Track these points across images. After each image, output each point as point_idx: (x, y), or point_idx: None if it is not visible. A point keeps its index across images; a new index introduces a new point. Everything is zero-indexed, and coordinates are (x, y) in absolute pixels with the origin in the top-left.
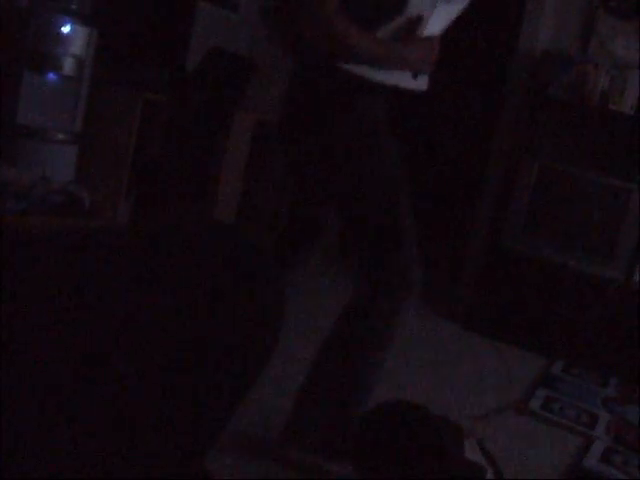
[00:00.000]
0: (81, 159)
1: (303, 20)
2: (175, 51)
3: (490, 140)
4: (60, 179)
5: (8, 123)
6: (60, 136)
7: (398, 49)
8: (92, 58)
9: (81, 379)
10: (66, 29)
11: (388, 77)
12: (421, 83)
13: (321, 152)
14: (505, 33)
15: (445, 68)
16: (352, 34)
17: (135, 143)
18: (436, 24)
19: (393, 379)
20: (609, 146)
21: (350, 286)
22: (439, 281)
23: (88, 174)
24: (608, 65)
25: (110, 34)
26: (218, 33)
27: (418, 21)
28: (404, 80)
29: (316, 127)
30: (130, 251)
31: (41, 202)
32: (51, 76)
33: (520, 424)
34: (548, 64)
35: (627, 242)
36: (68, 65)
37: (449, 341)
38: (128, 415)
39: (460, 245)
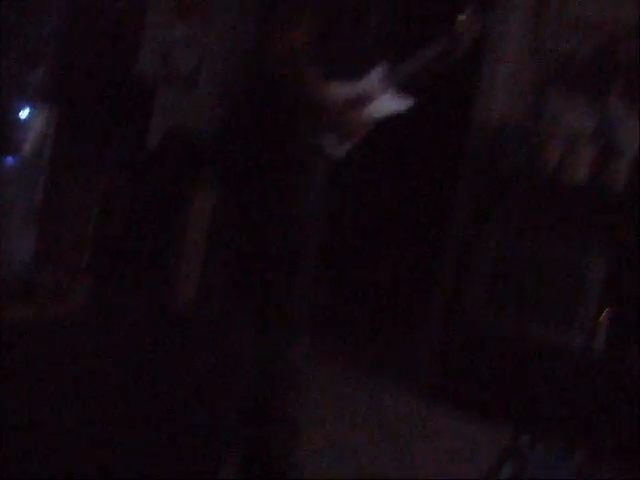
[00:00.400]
0: (40, 239)
1: (269, 44)
2: (135, 131)
3: (449, 216)
4: (19, 259)
5: None
6: (19, 219)
7: (327, 104)
8: (51, 140)
9: None
10: (25, 112)
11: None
12: (341, 150)
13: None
14: (459, 109)
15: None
16: (306, 72)
17: (95, 223)
18: (380, 106)
19: (356, 455)
20: (565, 218)
21: None
22: (401, 353)
23: (47, 254)
24: (561, 138)
25: (70, 115)
26: (178, 111)
27: (370, 97)
28: (329, 142)
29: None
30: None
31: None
32: (10, 159)
33: None
34: (502, 139)
35: (588, 311)
36: (27, 147)
37: (413, 414)
38: None
39: (423, 320)
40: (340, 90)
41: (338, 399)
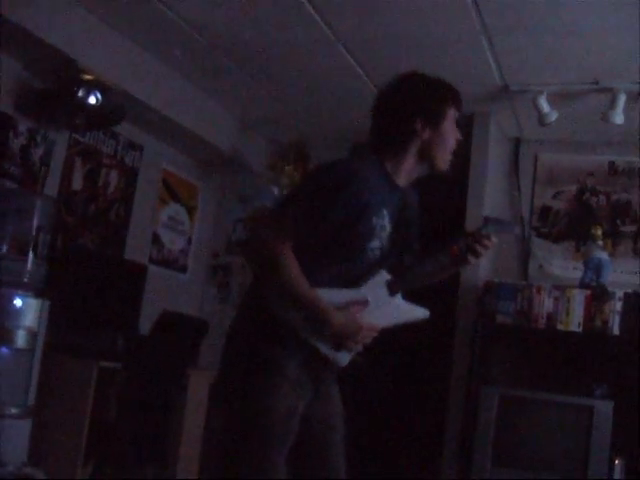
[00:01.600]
0: (36, 430)
1: (255, 244)
2: (127, 316)
3: (447, 374)
4: (13, 454)
5: None
6: (13, 411)
7: (328, 309)
8: (44, 329)
9: None
10: (18, 303)
11: (311, 336)
12: (341, 358)
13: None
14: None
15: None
16: (293, 271)
17: (91, 410)
18: (385, 316)
19: None
20: (563, 365)
21: None
22: None
23: (43, 445)
24: (550, 287)
25: (62, 303)
26: (168, 295)
27: (364, 303)
28: (325, 347)
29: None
30: None
31: None
32: (3, 350)
33: None
34: (492, 293)
35: (599, 458)
36: (20, 338)
37: None
38: None
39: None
40: (335, 299)
41: None
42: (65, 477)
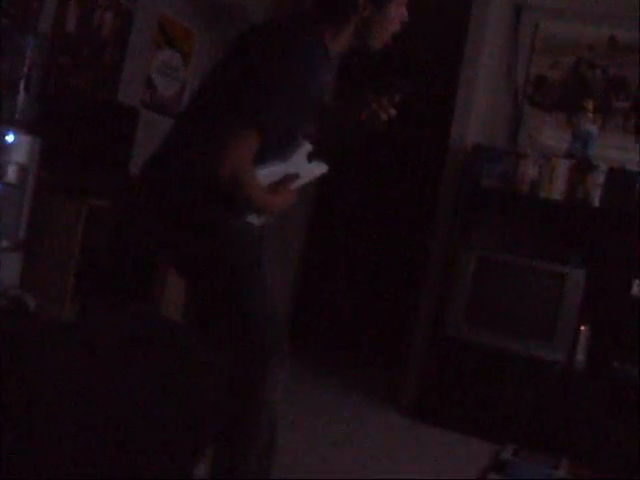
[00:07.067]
0: (26, 265)
1: (220, 155)
2: (118, 158)
3: (429, 232)
4: (5, 285)
5: None
6: (4, 243)
7: (265, 196)
8: (36, 166)
9: None
10: (9, 138)
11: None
12: (259, 221)
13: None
14: (436, 129)
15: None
16: (248, 188)
17: (80, 248)
18: (301, 180)
19: (341, 472)
20: (542, 232)
21: None
22: (384, 372)
23: (34, 280)
24: (536, 155)
25: (53, 142)
26: (159, 139)
27: (295, 176)
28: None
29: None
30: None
31: None
32: None
33: None
34: (479, 157)
35: (566, 323)
36: (11, 173)
37: (396, 431)
38: None
39: (404, 335)
40: (268, 178)
41: (321, 419)
42: (54, 310)
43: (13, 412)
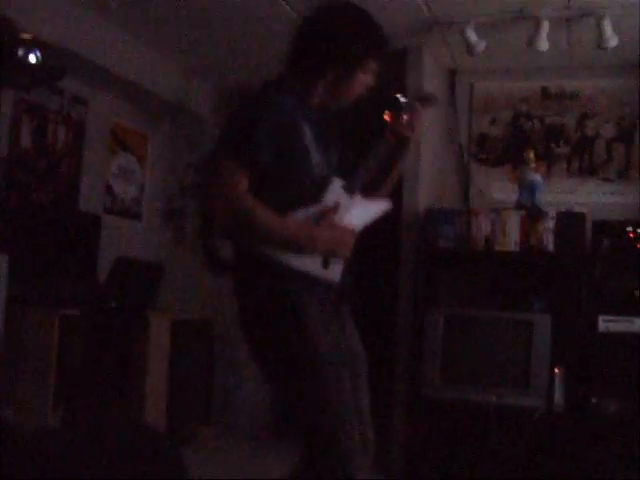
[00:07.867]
0: (3, 380)
1: (212, 195)
2: (85, 266)
3: (395, 297)
4: None
5: None
6: None
7: (307, 227)
8: (4, 282)
9: None
10: None
11: (296, 263)
12: (331, 273)
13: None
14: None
15: None
16: (257, 211)
17: (56, 358)
18: (355, 216)
19: None
20: (503, 283)
21: None
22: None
23: (12, 394)
24: (487, 210)
25: (20, 257)
26: (124, 242)
27: (335, 208)
28: (314, 268)
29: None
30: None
31: None
32: None
33: None
34: (432, 221)
35: (539, 368)
36: None
37: None
38: None
39: (382, 399)
40: (300, 215)
41: None
42: (37, 420)
43: None
